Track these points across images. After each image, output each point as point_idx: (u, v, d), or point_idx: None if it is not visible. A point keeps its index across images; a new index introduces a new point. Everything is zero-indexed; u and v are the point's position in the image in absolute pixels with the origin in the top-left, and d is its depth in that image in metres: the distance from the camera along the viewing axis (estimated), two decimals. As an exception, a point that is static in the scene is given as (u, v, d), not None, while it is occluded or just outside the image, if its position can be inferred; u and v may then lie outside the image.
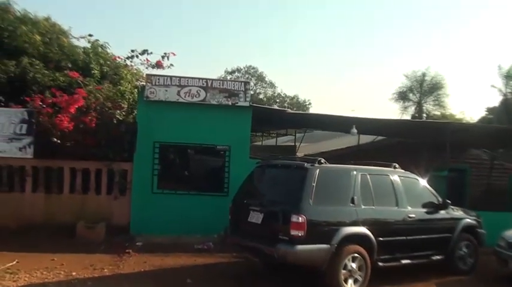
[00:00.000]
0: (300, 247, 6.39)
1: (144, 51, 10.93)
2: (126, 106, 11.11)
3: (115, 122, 10.49)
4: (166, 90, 10.20)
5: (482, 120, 36.68)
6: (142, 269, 7.77)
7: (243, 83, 10.78)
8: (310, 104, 52.62)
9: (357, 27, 77.37)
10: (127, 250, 8.77)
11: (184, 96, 10.23)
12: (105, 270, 7.52)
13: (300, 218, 6.38)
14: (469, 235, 8.74)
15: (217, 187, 10.44)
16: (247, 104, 10.47)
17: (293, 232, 6.40)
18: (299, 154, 16.36)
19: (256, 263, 8.28)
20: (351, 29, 77.82)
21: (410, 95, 40.19)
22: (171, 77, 10.28)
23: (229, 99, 10.36)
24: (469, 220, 8.84)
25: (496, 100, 37.03)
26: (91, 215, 9.93)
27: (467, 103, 79.30)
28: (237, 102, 10.38)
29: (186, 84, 10.26)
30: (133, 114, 11.01)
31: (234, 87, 10.49)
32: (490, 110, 38.97)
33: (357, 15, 76.49)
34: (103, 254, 8.51)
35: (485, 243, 9.01)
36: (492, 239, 8.90)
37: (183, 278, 7.28)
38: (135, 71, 11.77)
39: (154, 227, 9.85)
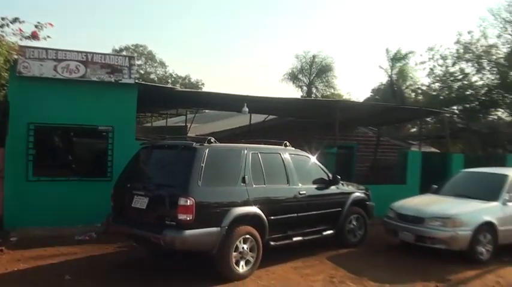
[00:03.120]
0: (188, 232, 6.01)
1: (16, 19, 9.61)
2: (-2, 83, 9.74)
3: (-18, 101, 9.15)
4: (42, 65, 9.06)
5: (368, 100, 38.89)
6: (15, 269, 6.84)
7: (127, 58, 9.92)
8: (203, 84, 52.46)
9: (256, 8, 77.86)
10: (-1, 247, 7.75)
11: (62, 72, 9.19)
12: (-31, 274, 6.51)
13: (188, 201, 6.00)
14: (358, 208, 9.02)
15: (100, 172, 9.64)
16: (132, 81, 9.72)
17: (181, 216, 6.01)
18: (190, 135, 15.86)
19: (143, 251, 7.77)
20: (249, 10, 78.07)
21: (300, 76, 40.89)
22: (47, 49, 9.14)
23: (112, 75, 9.51)
24: (358, 194, 9.12)
25: (381, 82, 39.47)
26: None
27: (353, 85, 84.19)
28: (121, 79, 9.57)
29: (63, 58, 9.21)
30: (5, 91, 9.68)
31: (117, 62, 9.61)
32: (376, 91, 41.58)
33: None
34: (-31, 255, 7.40)
35: (374, 215, 9.39)
36: (380, 211, 9.33)
37: (61, 275, 6.55)
38: (11, 44, 10.35)
39: (31, 220, 8.87)
